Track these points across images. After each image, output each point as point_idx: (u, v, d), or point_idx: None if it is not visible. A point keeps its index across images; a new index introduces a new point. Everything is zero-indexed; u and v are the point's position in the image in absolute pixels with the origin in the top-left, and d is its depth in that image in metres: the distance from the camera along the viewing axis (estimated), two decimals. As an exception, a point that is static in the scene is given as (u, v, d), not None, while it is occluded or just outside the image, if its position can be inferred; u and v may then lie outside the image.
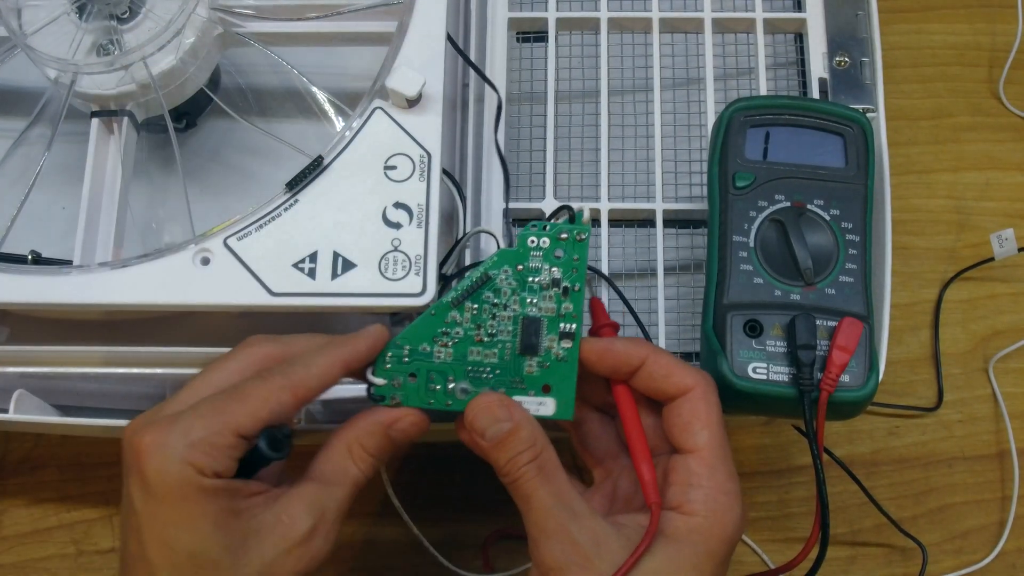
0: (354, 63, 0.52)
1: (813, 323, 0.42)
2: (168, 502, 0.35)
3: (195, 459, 0.35)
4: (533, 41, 0.53)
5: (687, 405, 0.39)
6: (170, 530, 0.35)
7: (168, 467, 0.35)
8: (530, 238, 0.41)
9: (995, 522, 0.58)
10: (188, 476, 0.35)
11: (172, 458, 0.35)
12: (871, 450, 0.59)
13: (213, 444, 0.35)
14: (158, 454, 0.35)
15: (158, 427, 0.36)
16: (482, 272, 0.40)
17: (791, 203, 0.44)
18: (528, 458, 0.38)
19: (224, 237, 0.41)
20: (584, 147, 0.52)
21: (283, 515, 0.37)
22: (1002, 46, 0.68)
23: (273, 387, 0.37)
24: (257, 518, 0.37)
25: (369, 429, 0.39)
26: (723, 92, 0.52)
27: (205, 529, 0.35)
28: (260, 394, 0.37)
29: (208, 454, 0.35)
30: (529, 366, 0.41)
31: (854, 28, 0.51)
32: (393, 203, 0.42)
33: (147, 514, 0.35)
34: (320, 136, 0.49)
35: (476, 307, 0.41)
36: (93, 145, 0.46)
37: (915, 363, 0.61)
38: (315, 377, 0.38)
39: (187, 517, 0.35)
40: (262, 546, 0.36)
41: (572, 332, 0.41)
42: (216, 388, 0.38)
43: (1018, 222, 0.64)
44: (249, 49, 0.49)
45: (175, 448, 0.35)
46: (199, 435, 0.35)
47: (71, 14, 0.46)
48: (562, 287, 0.41)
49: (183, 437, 0.35)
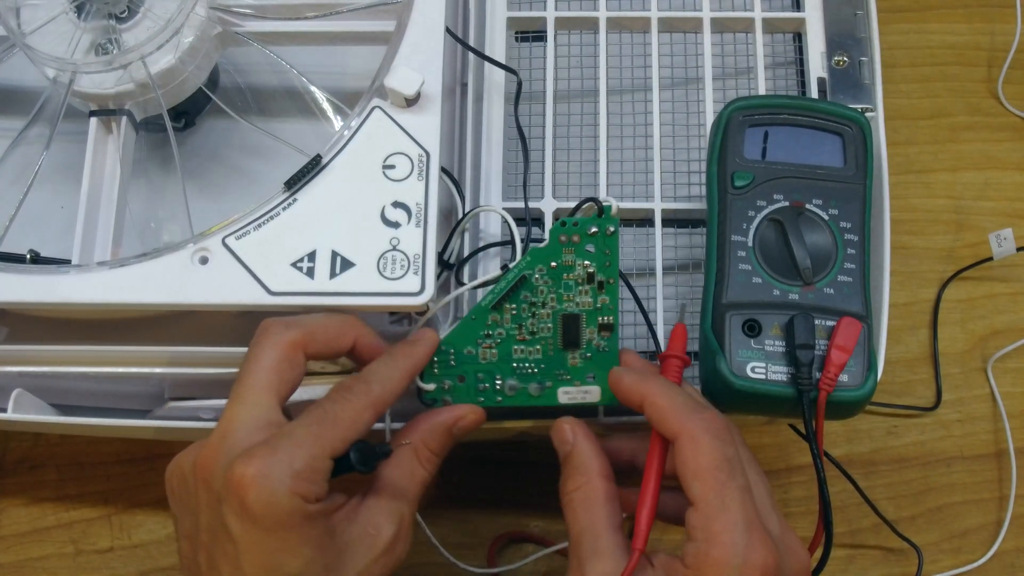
0: (353, 62, 0.52)
1: (812, 323, 0.42)
2: (275, 531, 0.35)
3: (301, 488, 0.35)
4: (532, 40, 0.53)
5: (679, 454, 0.37)
6: (276, 557, 0.36)
7: (276, 498, 0.35)
8: (560, 235, 0.41)
9: (993, 521, 0.58)
10: (296, 506, 0.35)
11: (279, 489, 0.35)
12: (870, 450, 0.59)
13: (315, 470, 0.36)
14: (263, 485, 0.35)
15: (258, 457, 0.35)
16: (517, 273, 0.42)
17: (790, 203, 0.44)
18: (573, 485, 0.39)
19: (223, 236, 0.41)
20: (583, 146, 0.51)
21: (369, 527, 0.38)
22: (1001, 46, 0.68)
23: (360, 407, 0.38)
24: (347, 532, 0.38)
25: (433, 430, 0.41)
26: (722, 92, 0.52)
27: (308, 553, 0.36)
28: (350, 416, 0.38)
29: (312, 481, 0.36)
30: (572, 359, 0.43)
31: (853, 28, 0.51)
32: (392, 202, 0.42)
33: (249, 542, 0.35)
34: (319, 135, 0.49)
35: (515, 308, 0.42)
36: (92, 144, 0.46)
37: (914, 363, 0.61)
38: (391, 393, 0.39)
39: (293, 544, 0.36)
40: (355, 559, 0.37)
41: (611, 324, 0.43)
42: (268, 391, 0.38)
43: (1016, 222, 0.64)
44: (248, 48, 0.49)
45: (281, 479, 0.35)
46: (302, 464, 0.36)
47: (69, 13, 0.46)
48: (597, 281, 0.42)
49: (287, 467, 0.35)
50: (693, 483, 0.36)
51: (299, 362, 0.39)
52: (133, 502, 0.58)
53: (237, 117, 0.48)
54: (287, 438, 0.36)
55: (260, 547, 0.35)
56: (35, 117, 0.48)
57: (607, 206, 0.42)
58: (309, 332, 0.39)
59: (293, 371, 0.39)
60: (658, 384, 0.39)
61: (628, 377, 0.40)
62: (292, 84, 0.51)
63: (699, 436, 0.37)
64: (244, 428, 0.37)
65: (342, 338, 0.40)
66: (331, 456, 0.37)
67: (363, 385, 0.39)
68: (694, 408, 0.38)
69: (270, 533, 0.35)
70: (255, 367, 0.38)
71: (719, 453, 0.37)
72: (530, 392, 0.43)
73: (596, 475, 0.39)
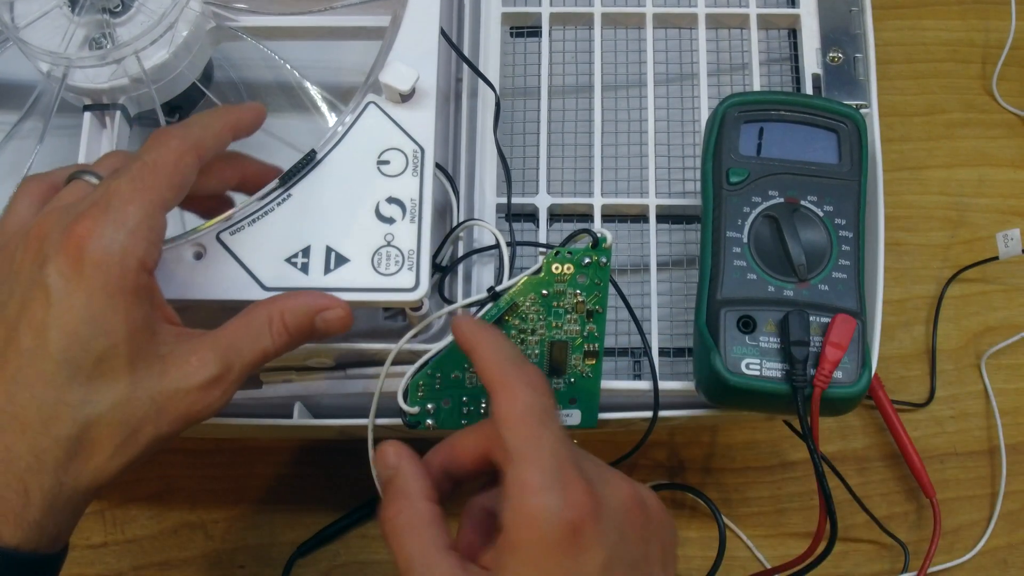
0: (348, 57, 0.52)
1: (806, 319, 0.42)
2: (97, 294, 0.34)
3: (138, 248, 0.34)
4: (527, 36, 0.53)
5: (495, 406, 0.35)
6: (89, 326, 0.34)
7: (110, 255, 0.33)
8: (554, 265, 0.42)
9: (985, 518, 0.58)
10: (130, 266, 0.34)
11: (113, 246, 0.33)
12: (863, 446, 0.59)
13: (150, 228, 0.35)
14: (99, 240, 0.33)
15: (91, 216, 0.34)
16: (509, 300, 0.41)
17: (785, 199, 0.44)
18: (395, 510, 0.36)
19: (217, 231, 0.41)
20: (577, 142, 0.51)
21: (193, 356, 0.36)
22: (995, 43, 0.68)
23: (179, 150, 0.36)
24: (168, 346, 0.36)
25: (296, 308, 0.39)
26: (716, 88, 0.52)
27: (122, 332, 0.34)
28: (171, 160, 0.36)
29: (148, 240, 0.34)
30: (556, 384, 0.43)
31: (847, 24, 0.52)
32: (386, 198, 0.42)
33: (67, 305, 0.34)
34: (313, 130, 0.49)
35: (504, 334, 0.42)
36: (86, 139, 0.46)
37: (907, 359, 0.61)
38: (212, 138, 0.38)
39: (111, 315, 0.34)
40: (165, 376, 0.35)
41: (595, 351, 0.43)
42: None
43: (1011, 218, 0.64)
44: (242, 43, 0.49)
45: (115, 237, 0.34)
46: (135, 220, 0.34)
47: (63, 7, 0.46)
48: (585, 310, 0.42)
49: (122, 224, 0.34)
50: (507, 434, 0.34)
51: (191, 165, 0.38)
52: (126, 497, 0.58)
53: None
54: (115, 195, 0.34)
55: (76, 310, 0.34)
56: (28, 111, 0.47)
57: (601, 237, 0.42)
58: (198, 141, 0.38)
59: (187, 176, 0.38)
60: (487, 335, 0.37)
61: (466, 324, 0.38)
62: (286, 79, 0.51)
63: (515, 386, 0.35)
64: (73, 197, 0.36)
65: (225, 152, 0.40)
66: (162, 208, 0.35)
67: (180, 129, 0.37)
68: (516, 362, 0.36)
69: (93, 295, 0.34)
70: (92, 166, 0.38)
71: (533, 402, 0.35)
72: None
73: (420, 497, 0.36)
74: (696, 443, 0.59)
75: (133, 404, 0.35)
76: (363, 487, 0.40)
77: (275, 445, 0.59)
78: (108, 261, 0.33)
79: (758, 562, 0.57)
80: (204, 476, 0.58)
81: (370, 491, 0.37)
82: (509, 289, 0.42)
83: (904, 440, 0.57)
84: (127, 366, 0.35)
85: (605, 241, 0.42)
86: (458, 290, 0.47)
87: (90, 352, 0.34)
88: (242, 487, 0.58)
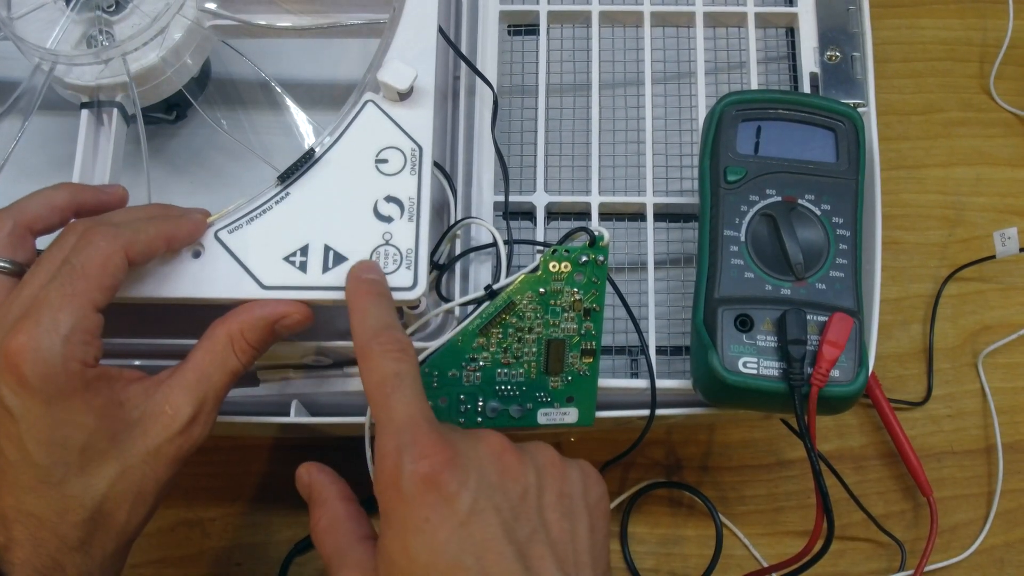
0: (346, 55, 0.51)
1: (804, 318, 0.42)
2: (55, 401, 0.35)
3: (75, 353, 0.35)
4: (524, 34, 0.53)
5: (361, 374, 0.37)
6: (59, 430, 0.35)
7: (50, 367, 0.34)
8: (552, 263, 0.42)
9: (982, 516, 0.58)
10: (73, 370, 0.35)
11: (51, 357, 0.34)
12: (860, 444, 0.59)
13: (85, 330, 0.35)
14: (36, 355, 0.34)
15: (23, 330, 0.34)
16: (506, 298, 0.42)
17: (782, 198, 0.44)
18: (316, 517, 0.39)
19: (215, 230, 0.41)
20: (575, 140, 0.51)
21: (166, 405, 0.38)
22: (993, 41, 0.68)
23: (107, 252, 0.36)
24: (140, 408, 0.37)
25: (255, 322, 0.40)
26: (714, 86, 0.52)
27: (92, 423, 0.35)
28: (98, 263, 0.36)
29: (84, 342, 0.35)
30: (554, 382, 0.43)
31: (845, 23, 0.52)
32: (384, 196, 0.42)
33: (32, 418, 0.35)
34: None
35: (501, 332, 0.42)
36: (83, 136, 0.46)
37: (904, 358, 0.61)
38: (143, 242, 0.38)
39: (75, 413, 0.35)
40: (147, 435, 0.37)
41: (592, 349, 0.43)
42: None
43: (1008, 217, 0.64)
44: (239, 43, 0.49)
45: (51, 347, 0.34)
46: (67, 326, 0.35)
47: (58, 2, 0.46)
48: (583, 309, 0.42)
49: (55, 333, 0.34)
50: (370, 405, 0.36)
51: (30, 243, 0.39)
52: (124, 495, 0.58)
53: (216, 126, 0.48)
54: (45, 305, 0.35)
55: (42, 421, 0.35)
56: (11, 106, 0.47)
57: (599, 236, 0.42)
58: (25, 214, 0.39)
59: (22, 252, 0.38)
60: (362, 300, 0.39)
61: (351, 285, 0.40)
62: (284, 78, 0.51)
63: (373, 352, 0.36)
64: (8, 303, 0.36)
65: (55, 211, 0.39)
66: (93, 309, 0.36)
67: (110, 229, 0.37)
68: (381, 329, 0.37)
69: (51, 404, 0.35)
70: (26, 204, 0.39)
71: (388, 369, 0.36)
72: (512, 414, 0.43)
73: (335, 499, 0.39)
74: (693, 441, 0.59)
75: (129, 472, 0.37)
76: (360, 485, 0.40)
77: (272, 443, 0.59)
78: (51, 372, 0.34)
79: (755, 560, 0.57)
80: (201, 474, 0.58)
81: (367, 489, 0.37)
82: (506, 287, 0.42)
83: (901, 439, 0.57)
84: (110, 446, 0.36)
85: (602, 239, 0.42)
86: (455, 288, 0.47)
87: (71, 449, 0.35)
88: (239, 485, 0.58)
